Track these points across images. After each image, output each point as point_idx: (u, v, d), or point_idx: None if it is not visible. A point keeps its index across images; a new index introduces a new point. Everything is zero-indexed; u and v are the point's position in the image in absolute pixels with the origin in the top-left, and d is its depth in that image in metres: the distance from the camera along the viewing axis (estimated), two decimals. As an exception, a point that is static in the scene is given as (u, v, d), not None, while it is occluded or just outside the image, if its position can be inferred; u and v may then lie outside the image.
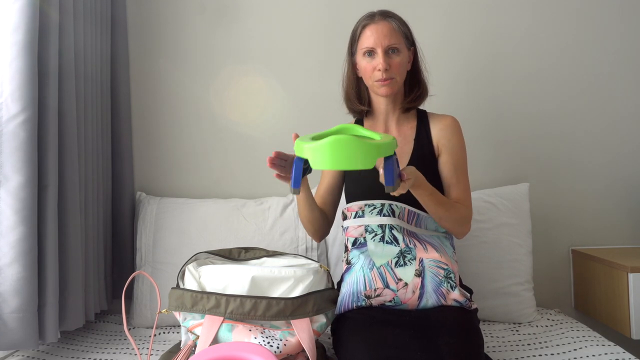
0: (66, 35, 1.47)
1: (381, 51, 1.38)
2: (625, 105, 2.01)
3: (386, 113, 1.49)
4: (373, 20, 1.42)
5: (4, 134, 1.30)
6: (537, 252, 1.91)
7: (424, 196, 1.31)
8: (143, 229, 1.80)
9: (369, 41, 1.40)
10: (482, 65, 1.99)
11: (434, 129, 1.47)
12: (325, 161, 1.07)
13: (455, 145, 1.46)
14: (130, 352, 1.48)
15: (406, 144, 1.46)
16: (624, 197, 2.01)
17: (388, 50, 1.39)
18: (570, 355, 1.40)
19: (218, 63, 1.98)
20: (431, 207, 1.34)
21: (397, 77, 1.41)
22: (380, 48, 1.38)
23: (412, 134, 1.47)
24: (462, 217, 1.40)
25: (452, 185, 1.44)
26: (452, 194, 1.44)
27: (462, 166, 1.46)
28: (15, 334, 1.29)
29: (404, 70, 1.43)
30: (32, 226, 1.31)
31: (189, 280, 1.34)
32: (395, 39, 1.40)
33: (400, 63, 1.41)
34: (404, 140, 1.47)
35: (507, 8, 2.00)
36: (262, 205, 1.84)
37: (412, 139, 1.47)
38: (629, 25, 2.01)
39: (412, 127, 1.49)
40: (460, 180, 1.44)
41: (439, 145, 1.46)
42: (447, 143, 1.45)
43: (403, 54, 1.41)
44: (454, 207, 1.38)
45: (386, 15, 1.43)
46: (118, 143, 1.86)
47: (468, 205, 1.44)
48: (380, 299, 1.32)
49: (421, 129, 1.48)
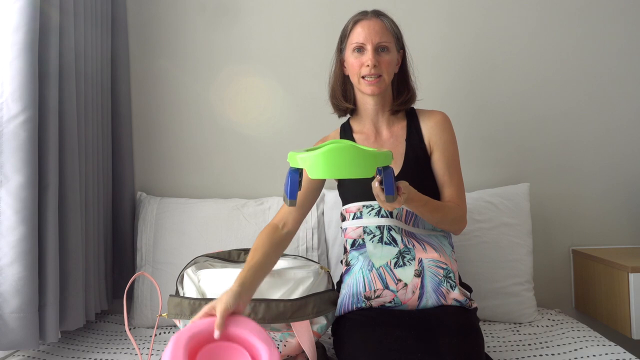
0: (66, 36, 1.48)
1: (371, 47, 1.37)
2: (625, 105, 2.01)
3: (375, 113, 1.47)
4: (365, 17, 1.41)
5: (4, 134, 1.30)
6: (538, 252, 1.91)
7: (419, 207, 1.30)
8: (143, 229, 1.80)
9: (359, 37, 1.39)
10: (483, 66, 1.99)
11: (425, 127, 1.46)
12: (324, 170, 1.07)
13: (447, 141, 1.44)
14: (131, 352, 1.48)
15: (398, 145, 1.45)
16: (625, 197, 2.01)
17: (378, 47, 1.38)
18: (570, 355, 1.40)
19: (218, 63, 1.98)
20: (427, 216, 1.34)
21: (385, 75, 1.39)
22: (370, 44, 1.38)
23: (404, 135, 1.46)
24: (458, 217, 1.40)
25: (446, 183, 1.43)
26: (446, 192, 1.43)
27: (454, 162, 1.45)
28: (16, 334, 1.29)
29: (392, 70, 1.42)
30: (33, 226, 1.31)
31: (188, 285, 1.34)
32: (386, 38, 1.39)
33: (390, 62, 1.40)
34: (395, 142, 1.46)
35: (508, 9, 2.00)
36: (262, 205, 1.84)
37: (404, 140, 1.45)
38: (629, 26, 2.01)
39: (402, 127, 1.47)
40: (453, 178, 1.43)
41: (430, 143, 1.45)
42: (439, 140, 1.44)
43: (392, 54, 1.41)
44: (449, 209, 1.39)
45: (379, 14, 1.43)
46: (118, 143, 1.86)
47: (462, 202, 1.43)
48: (380, 300, 1.32)
49: (412, 128, 1.47)
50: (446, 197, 1.42)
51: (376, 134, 1.48)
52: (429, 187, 1.42)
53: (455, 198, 1.42)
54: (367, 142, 1.46)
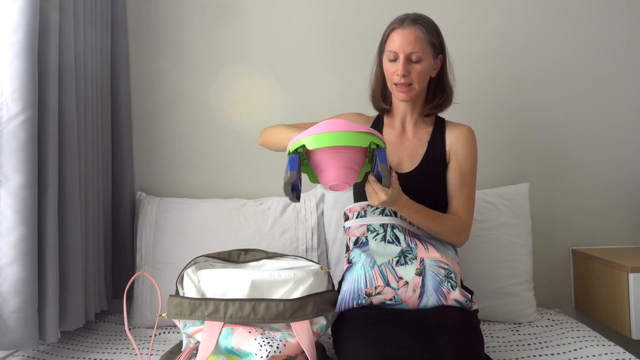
0: (66, 36, 1.47)
1: (403, 57, 1.40)
2: (625, 105, 2.01)
3: (404, 114, 1.52)
4: (402, 25, 1.42)
5: (4, 134, 1.30)
6: (537, 252, 1.91)
7: (412, 214, 1.34)
8: (143, 229, 1.79)
9: (393, 45, 1.42)
10: (483, 66, 1.99)
11: (449, 136, 1.50)
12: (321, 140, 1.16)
13: (466, 154, 1.48)
14: (131, 352, 1.48)
15: (420, 146, 1.49)
16: (625, 197, 2.01)
17: (410, 57, 1.41)
18: (570, 355, 1.40)
19: (218, 63, 1.98)
20: (422, 224, 1.37)
21: (416, 84, 1.42)
22: (402, 54, 1.40)
23: (427, 138, 1.50)
24: (456, 228, 1.42)
25: (455, 194, 1.45)
26: (454, 203, 1.45)
27: (469, 176, 1.47)
28: (16, 334, 1.29)
29: (423, 79, 1.44)
30: (32, 226, 1.31)
31: (188, 286, 1.33)
32: (419, 47, 1.40)
33: (421, 71, 1.42)
34: (418, 142, 1.50)
35: (509, 10, 2.00)
36: (262, 205, 1.84)
37: (427, 142, 1.49)
38: (629, 26, 2.01)
39: (427, 132, 1.51)
40: (464, 190, 1.45)
41: (450, 152, 1.48)
42: (459, 150, 1.48)
43: (425, 63, 1.42)
44: (446, 220, 1.40)
45: (416, 21, 1.42)
46: (118, 143, 1.86)
47: (466, 216, 1.45)
48: (381, 297, 1.32)
49: (437, 134, 1.50)
50: (453, 207, 1.45)
51: (402, 131, 1.53)
52: (439, 191, 1.46)
53: (462, 209, 1.44)
54: (391, 136, 1.52)
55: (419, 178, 1.43)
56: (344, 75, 1.97)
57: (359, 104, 1.66)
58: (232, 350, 1.22)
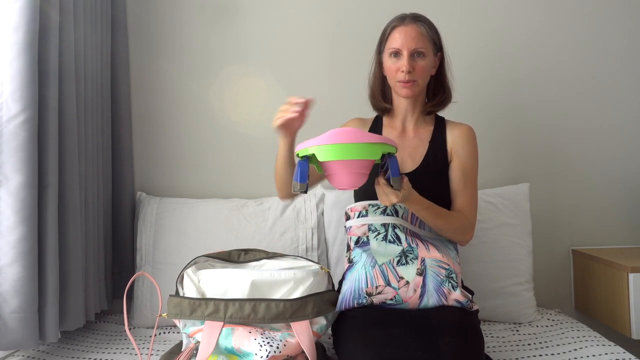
0: (66, 36, 1.47)
1: (407, 53, 1.41)
2: (625, 105, 2.01)
3: (405, 113, 1.52)
4: (403, 23, 1.44)
5: (4, 134, 1.30)
6: (538, 252, 1.91)
7: (420, 210, 1.34)
8: (143, 229, 1.79)
9: (396, 42, 1.43)
10: (482, 66, 1.99)
11: (450, 135, 1.50)
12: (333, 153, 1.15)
13: (468, 153, 1.48)
14: (131, 352, 1.48)
15: (421, 146, 1.49)
16: (624, 197, 2.01)
17: (414, 53, 1.42)
18: (570, 355, 1.40)
19: (218, 63, 1.98)
20: (429, 220, 1.37)
21: (420, 80, 1.43)
22: (406, 50, 1.41)
23: (428, 137, 1.51)
24: (462, 226, 1.42)
25: (459, 192, 1.46)
26: (458, 201, 1.46)
27: (471, 174, 1.48)
28: (16, 334, 1.29)
29: (426, 75, 1.45)
30: (32, 226, 1.31)
31: (188, 286, 1.33)
32: (422, 44, 1.42)
33: (424, 67, 1.43)
34: (419, 142, 1.50)
35: (509, 10, 2.00)
36: (262, 205, 1.84)
37: (428, 141, 1.50)
38: (629, 27, 2.01)
39: (428, 131, 1.52)
40: (467, 188, 1.46)
41: (452, 151, 1.49)
42: (460, 150, 1.48)
43: (428, 59, 1.44)
44: (453, 217, 1.40)
45: (416, 19, 1.45)
46: (118, 143, 1.86)
47: (470, 214, 1.45)
48: (382, 296, 1.32)
49: (437, 133, 1.51)
50: (457, 206, 1.45)
51: (402, 131, 1.52)
52: (441, 191, 1.46)
53: (466, 207, 1.44)
54: (392, 136, 1.52)
55: (421, 177, 1.42)
56: (343, 76, 1.97)
57: (359, 104, 1.66)
58: (232, 350, 1.22)
